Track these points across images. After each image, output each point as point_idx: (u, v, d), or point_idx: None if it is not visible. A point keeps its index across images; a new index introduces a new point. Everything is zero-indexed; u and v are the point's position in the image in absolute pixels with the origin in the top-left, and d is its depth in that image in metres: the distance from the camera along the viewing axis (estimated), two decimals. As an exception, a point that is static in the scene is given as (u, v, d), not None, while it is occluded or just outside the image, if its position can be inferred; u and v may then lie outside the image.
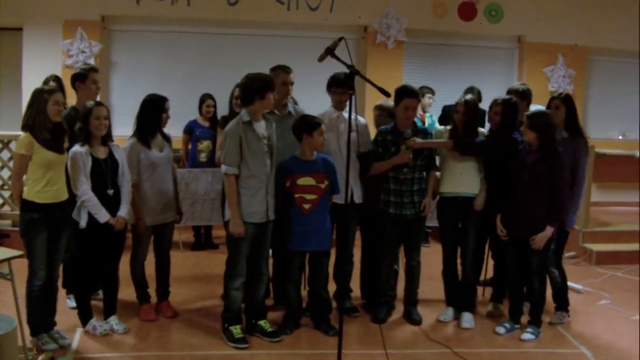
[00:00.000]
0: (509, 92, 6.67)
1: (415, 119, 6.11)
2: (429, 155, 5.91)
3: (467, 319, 6.00)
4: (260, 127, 5.36)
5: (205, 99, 8.37)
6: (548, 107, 6.11)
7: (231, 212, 5.29)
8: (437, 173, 6.08)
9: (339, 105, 5.93)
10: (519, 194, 5.60)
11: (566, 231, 6.01)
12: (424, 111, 8.99)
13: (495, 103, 5.98)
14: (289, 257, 5.61)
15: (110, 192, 5.29)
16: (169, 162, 5.88)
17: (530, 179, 5.52)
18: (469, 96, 5.99)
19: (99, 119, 5.20)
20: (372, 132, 6.22)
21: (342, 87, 5.75)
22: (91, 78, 6.11)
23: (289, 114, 5.97)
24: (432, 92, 9.08)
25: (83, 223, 5.18)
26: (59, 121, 5.02)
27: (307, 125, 5.52)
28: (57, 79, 6.73)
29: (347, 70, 4.75)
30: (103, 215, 5.19)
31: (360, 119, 6.14)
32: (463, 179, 5.90)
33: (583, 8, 10.77)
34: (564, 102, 6.05)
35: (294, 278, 5.67)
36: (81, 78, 6.10)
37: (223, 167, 5.33)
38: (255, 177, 5.32)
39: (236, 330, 5.41)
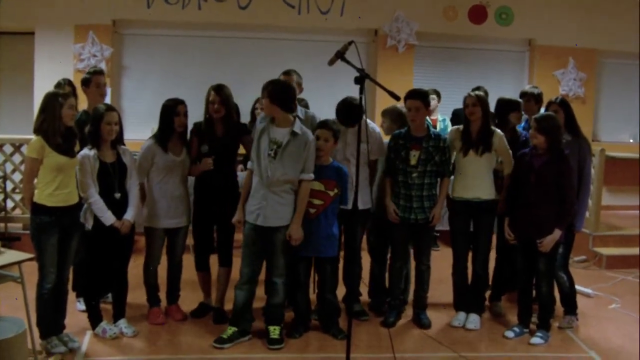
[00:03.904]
0: (523, 94, 6.68)
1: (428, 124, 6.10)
2: (442, 161, 5.86)
3: (472, 319, 6.01)
4: (276, 131, 5.38)
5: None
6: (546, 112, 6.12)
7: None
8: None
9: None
10: (526, 196, 5.60)
11: (573, 235, 6.02)
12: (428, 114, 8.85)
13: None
14: (295, 261, 5.61)
15: (118, 195, 5.33)
16: (185, 167, 5.86)
17: (538, 182, 5.52)
18: (478, 92, 5.99)
19: (110, 125, 5.24)
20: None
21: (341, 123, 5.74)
22: (94, 81, 6.22)
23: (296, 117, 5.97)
24: (437, 94, 8.97)
25: (89, 226, 5.23)
26: (71, 125, 5.05)
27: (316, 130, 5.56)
28: (70, 83, 6.78)
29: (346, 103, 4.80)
30: (108, 218, 5.23)
31: (375, 127, 6.14)
32: (475, 183, 5.89)
33: (593, 11, 10.72)
34: (561, 106, 6.09)
35: (300, 283, 5.67)
36: (86, 83, 6.27)
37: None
38: (257, 177, 5.40)
39: (227, 330, 5.48)
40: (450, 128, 8.38)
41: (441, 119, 8.86)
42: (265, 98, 5.39)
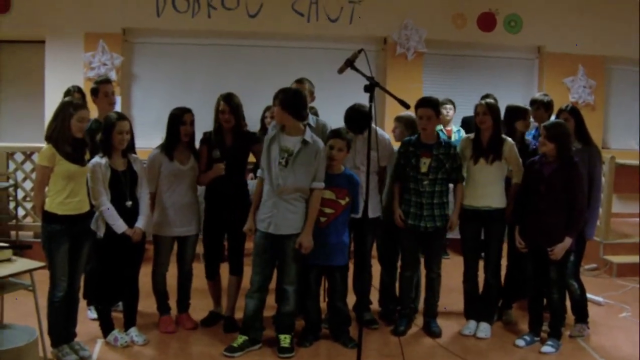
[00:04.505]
0: (533, 102, 6.68)
1: (440, 133, 6.09)
2: (453, 168, 5.85)
3: (483, 328, 5.99)
4: (287, 140, 5.39)
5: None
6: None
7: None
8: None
9: None
10: (536, 204, 5.59)
11: (584, 243, 6.00)
12: (444, 125, 8.82)
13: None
14: (305, 270, 5.60)
15: (129, 203, 5.34)
16: (192, 175, 5.87)
17: (548, 189, 5.51)
18: (490, 99, 5.98)
19: (121, 134, 5.26)
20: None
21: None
22: (102, 91, 6.26)
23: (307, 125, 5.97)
24: (452, 104, 8.96)
25: (101, 233, 5.24)
26: (79, 137, 5.06)
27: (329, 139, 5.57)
28: (79, 90, 6.80)
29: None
30: (120, 226, 5.24)
31: (384, 134, 6.15)
32: (486, 192, 5.87)
33: (603, 18, 10.72)
34: (572, 114, 6.08)
35: (310, 291, 5.67)
36: (94, 92, 6.30)
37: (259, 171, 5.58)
38: (267, 186, 5.41)
39: (238, 338, 5.47)
40: (464, 138, 8.39)
41: (456, 130, 8.84)
42: (277, 106, 5.39)
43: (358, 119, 5.74)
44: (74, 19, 9.64)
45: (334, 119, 6.13)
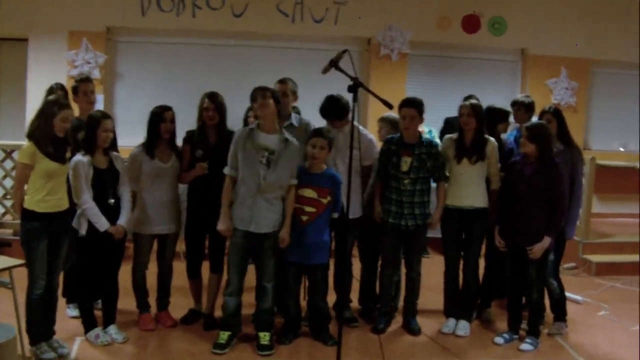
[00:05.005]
0: (514, 103, 6.72)
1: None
2: (435, 167, 5.88)
3: (462, 326, 6.03)
4: (265, 138, 5.39)
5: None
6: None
7: (222, 210, 5.46)
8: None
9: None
10: (516, 205, 5.62)
11: (564, 242, 6.04)
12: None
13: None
14: (285, 268, 5.62)
15: (111, 201, 5.34)
16: (173, 173, 5.87)
17: (528, 190, 5.54)
18: (473, 100, 6.00)
19: (106, 132, 5.26)
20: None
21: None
22: (82, 89, 6.31)
23: (290, 126, 5.99)
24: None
25: (83, 231, 5.23)
26: (61, 136, 5.05)
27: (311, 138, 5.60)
28: (62, 87, 6.79)
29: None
30: (102, 224, 5.24)
31: (367, 133, 6.18)
32: (468, 191, 5.90)
33: (586, 20, 10.79)
34: (555, 115, 6.12)
35: (290, 289, 5.68)
36: (74, 91, 6.37)
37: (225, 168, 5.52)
38: (245, 185, 5.39)
39: (222, 335, 5.49)
40: (437, 138, 8.43)
41: (427, 130, 8.87)
42: (269, 98, 5.38)
43: (334, 107, 5.84)
44: (58, 17, 9.59)
45: (317, 119, 6.15)
